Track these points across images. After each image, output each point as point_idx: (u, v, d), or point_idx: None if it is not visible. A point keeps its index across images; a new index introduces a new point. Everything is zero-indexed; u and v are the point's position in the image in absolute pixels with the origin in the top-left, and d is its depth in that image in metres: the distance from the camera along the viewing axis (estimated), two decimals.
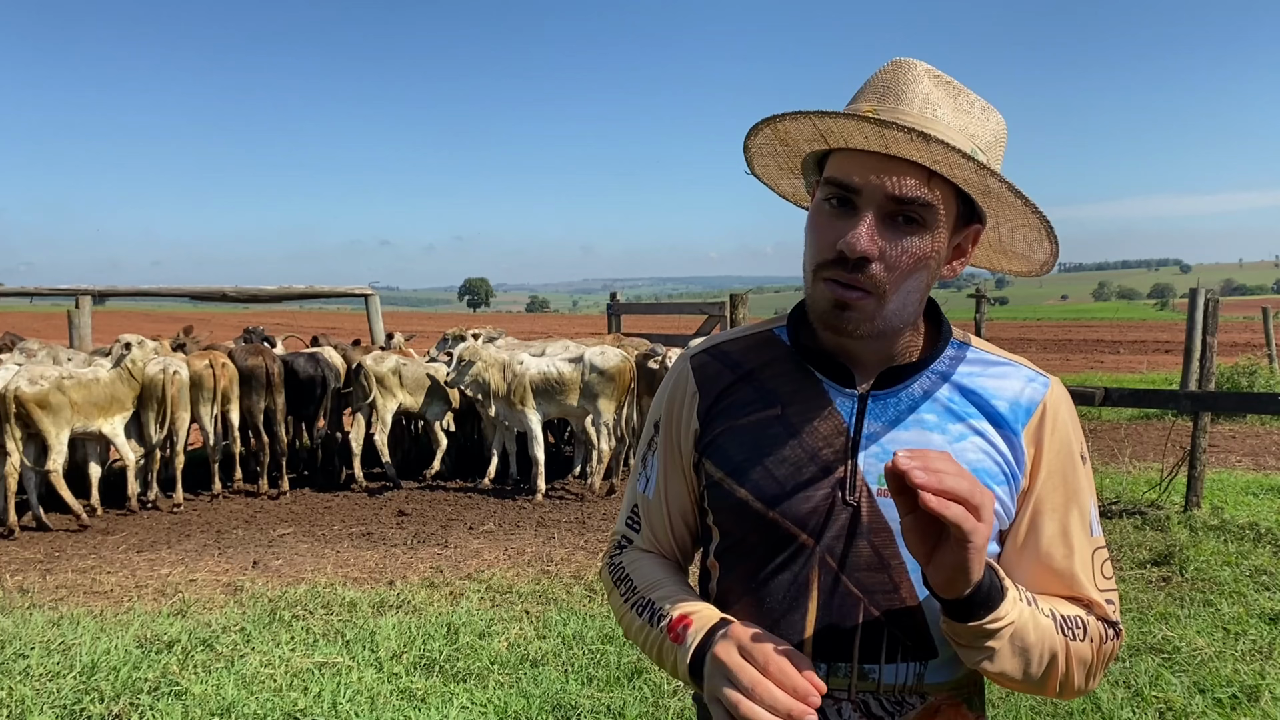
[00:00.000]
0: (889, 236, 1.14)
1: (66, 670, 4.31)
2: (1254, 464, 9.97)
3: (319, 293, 12.92)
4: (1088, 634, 1.20)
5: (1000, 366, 1.28)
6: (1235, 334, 33.95)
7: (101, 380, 7.76)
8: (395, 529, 7.45)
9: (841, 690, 1.19)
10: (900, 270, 1.15)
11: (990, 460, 1.21)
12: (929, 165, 1.12)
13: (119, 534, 7.30)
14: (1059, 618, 1.18)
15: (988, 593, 1.07)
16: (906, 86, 1.16)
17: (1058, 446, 1.24)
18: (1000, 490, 1.21)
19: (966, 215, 1.21)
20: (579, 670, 4.37)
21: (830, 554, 1.20)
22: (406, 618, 5.10)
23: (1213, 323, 7.92)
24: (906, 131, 1.08)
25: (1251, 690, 4.07)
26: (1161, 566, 5.93)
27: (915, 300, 1.20)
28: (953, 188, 1.16)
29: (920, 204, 1.13)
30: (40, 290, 11.54)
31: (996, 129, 1.20)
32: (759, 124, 1.23)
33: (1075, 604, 1.23)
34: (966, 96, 1.18)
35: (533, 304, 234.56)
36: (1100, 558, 1.25)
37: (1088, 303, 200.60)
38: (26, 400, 7.20)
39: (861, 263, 1.14)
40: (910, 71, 1.17)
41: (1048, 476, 1.23)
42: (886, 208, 1.14)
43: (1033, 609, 1.14)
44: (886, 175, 1.13)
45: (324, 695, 4.07)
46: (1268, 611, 5.04)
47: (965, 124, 1.16)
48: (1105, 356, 26.91)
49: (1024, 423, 1.23)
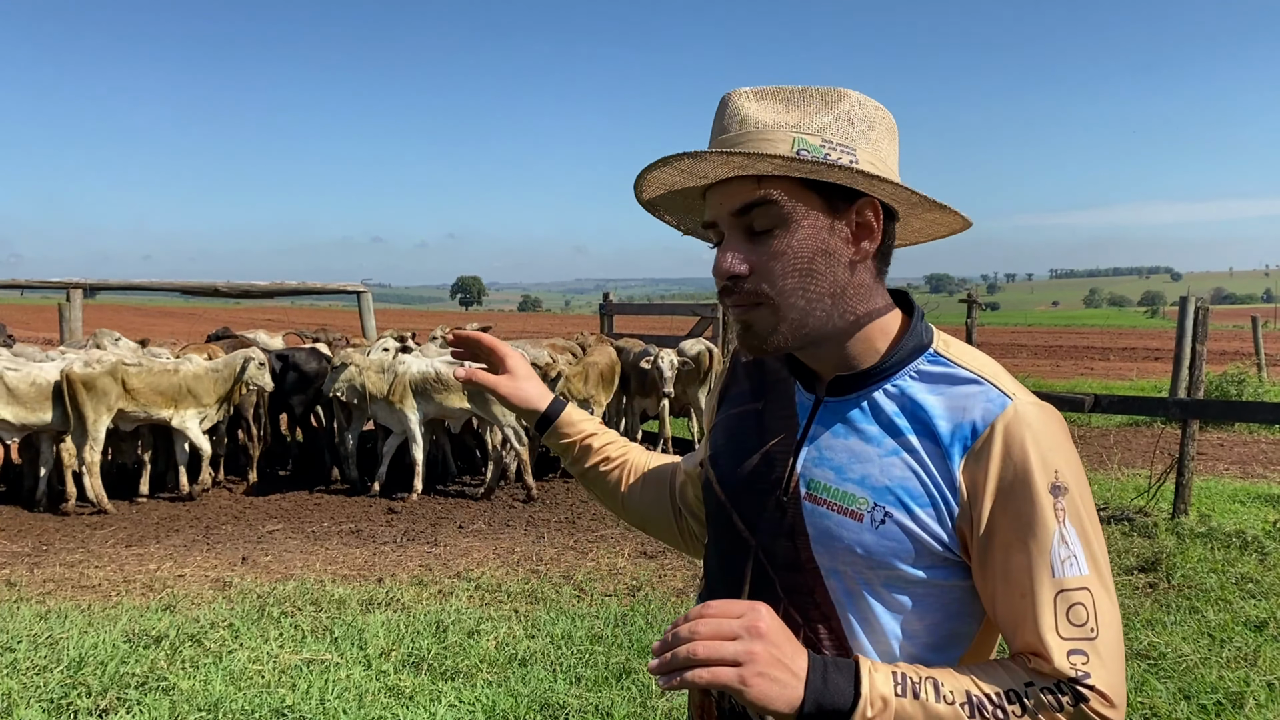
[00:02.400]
0: (754, 248, 1.18)
1: (54, 664, 4.30)
2: (1242, 472, 10.02)
3: (311, 289, 12.90)
4: (1024, 711, 1.07)
5: (963, 385, 1.18)
6: (1225, 342, 34.14)
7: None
8: (385, 526, 7.44)
9: None
10: (776, 273, 1.16)
11: (916, 480, 1.15)
12: (737, 172, 1.16)
13: (107, 528, 7.29)
14: (975, 700, 1.07)
15: (827, 709, 1.05)
16: (726, 117, 1.20)
17: (1009, 475, 1.12)
18: (924, 513, 1.14)
19: (847, 194, 1.18)
20: (567, 670, 4.37)
21: (763, 550, 1.24)
22: (395, 615, 5.10)
23: (1202, 331, 7.96)
24: (711, 154, 1.14)
25: (1236, 697, 4.09)
26: (1149, 573, 5.96)
27: (825, 301, 1.18)
28: (796, 180, 1.16)
29: (757, 205, 1.16)
30: (31, 283, 11.49)
31: (842, 107, 1.17)
32: (637, 186, 1.29)
33: (1025, 664, 1.11)
34: (791, 94, 1.18)
35: (525, 303, 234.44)
36: (1065, 602, 1.09)
37: (1079, 309, 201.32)
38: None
39: (735, 281, 1.18)
40: (730, 101, 1.20)
41: (994, 507, 1.12)
42: (738, 225, 1.19)
43: (919, 702, 1.06)
44: (722, 197, 1.19)
45: (312, 692, 4.07)
46: (1253, 618, 5.07)
47: (789, 118, 1.16)
48: (1095, 363, 27.00)
49: (966, 446, 1.14)
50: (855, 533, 1.16)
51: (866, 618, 1.18)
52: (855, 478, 1.18)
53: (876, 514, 1.15)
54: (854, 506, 1.16)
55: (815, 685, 1.05)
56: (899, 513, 1.14)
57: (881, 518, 1.15)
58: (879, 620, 1.18)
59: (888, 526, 1.14)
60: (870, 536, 1.15)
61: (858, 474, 1.18)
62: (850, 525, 1.16)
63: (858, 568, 1.17)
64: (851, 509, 1.17)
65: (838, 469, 1.20)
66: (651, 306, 14.19)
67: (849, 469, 1.19)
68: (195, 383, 8.13)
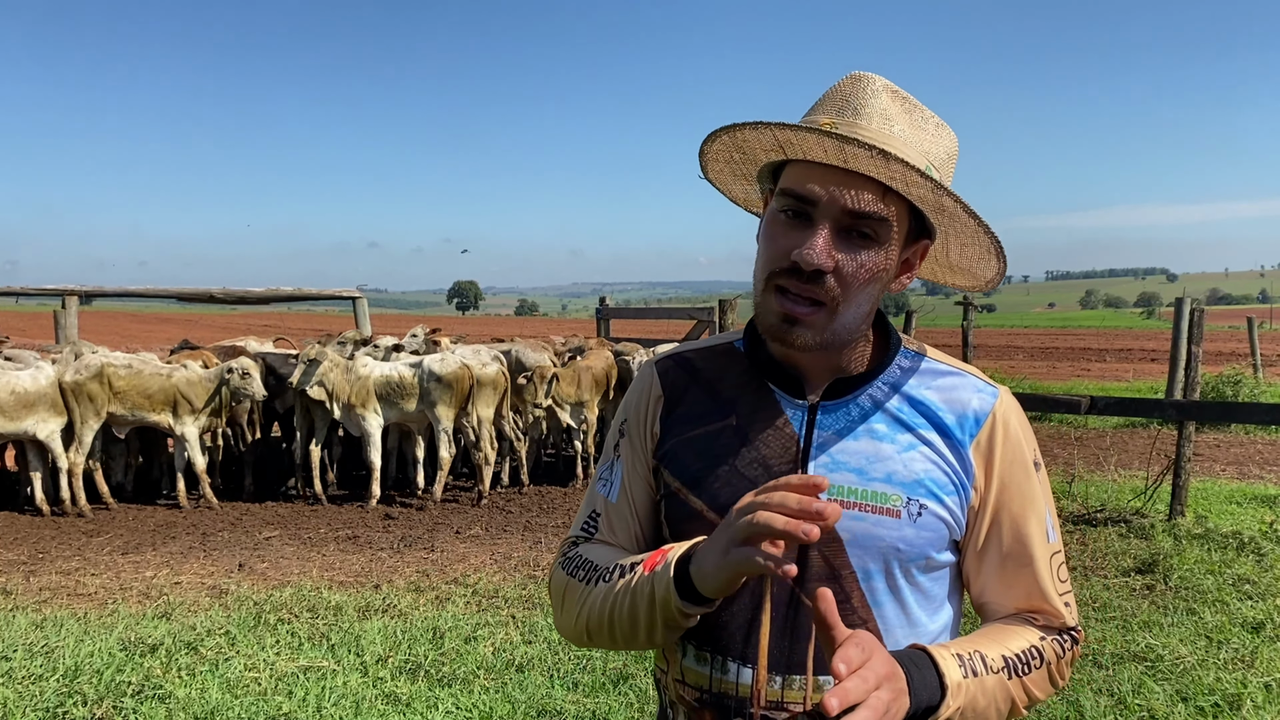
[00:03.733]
0: (844, 250, 1.16)
1: (49, 673, 4.28)
2: (1238, 473, 10.03)
3: (307, 295, 12.88)
4: (1044, 661, 1.22)
5: (949, 377, 1.28)
6: (1221, 343, 34.18)
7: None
8: (381, 532, 7.43)
9: (797, 702, 1.19)
10: (854, 284, 1.17)
11: (939, 470, 1.22)
12: (886, 182, 1.14)
13: (103, 536, 7.27)
14: (1010, 661, 1.19)
15: (924, 707, 1.07)
16: (865, 101, 1.17)
17: (1010, 456, 1.25)
18: (950, 500, 1.22)
19: (916, 230, 1.23)
20: (564, 676, 4.36)
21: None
22: (392, 622, 5.09)
23: (1198, 332, 7.98)
24: (866, 148, 1.10)
25: (1234, 699, 4.10)
26: (1146, 575, 5.96)
27: (865, 313, 1.22)
28: (906, 203, 1.19)
29: (876, 219, 1.16)
30: (27, 290, 11.47)
31: (950, 146, 1.22)
32: (717, 131, 1.24)
33: (1032, 621, 1.26)
34: (922, 113, 1.20)
35: (522, 307, 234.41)
36: (1057, 562, 1.27)
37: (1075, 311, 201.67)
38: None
39: (816, 275, 1.15)
40: (869, 86, 1.19)
41: (1002, 487, 1.24)
42: (842, 221, 1.16)
43: (978, 678, 1.14)
44: (844, 189, 1.14)
45: (309, 699, 4.06)
46: (1250, 620, 5.07)
47: (920, 140, 1.18)
48: (1092, 364, 27.02)
49: (973, 434, 1.24)
50: (896, 529, 1.19)
51: (902, 610, 1.22)
52: (880, 476, 1.21)
53: (913, 508, 1.20)
54: (889, 505, 1.20)
55: (918, 693, 1.08)
56: (932, 503, 1.21)
57: (918, 511, 1.20)
58: (912, 611, 1.22)
59: (925, 518, 1.20)
60: (911, 531, 1.19)
61: (882, 473, 1.21)
62: (889, 523, 1.19)
63: (899, 563, 1.20)
64: (887, 507, 1.20)
65: (859, 470, 1.21)
66: (648, 310, 14.22)
67: (871, 469, 1.21)
68: (189, 388, 8.11)
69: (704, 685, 1.24)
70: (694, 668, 1.25)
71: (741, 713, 1.21)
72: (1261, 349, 18.64)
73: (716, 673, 1.23)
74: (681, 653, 1.27)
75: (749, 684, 1.20)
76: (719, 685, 1.22)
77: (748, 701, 1.20)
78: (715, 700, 1.23)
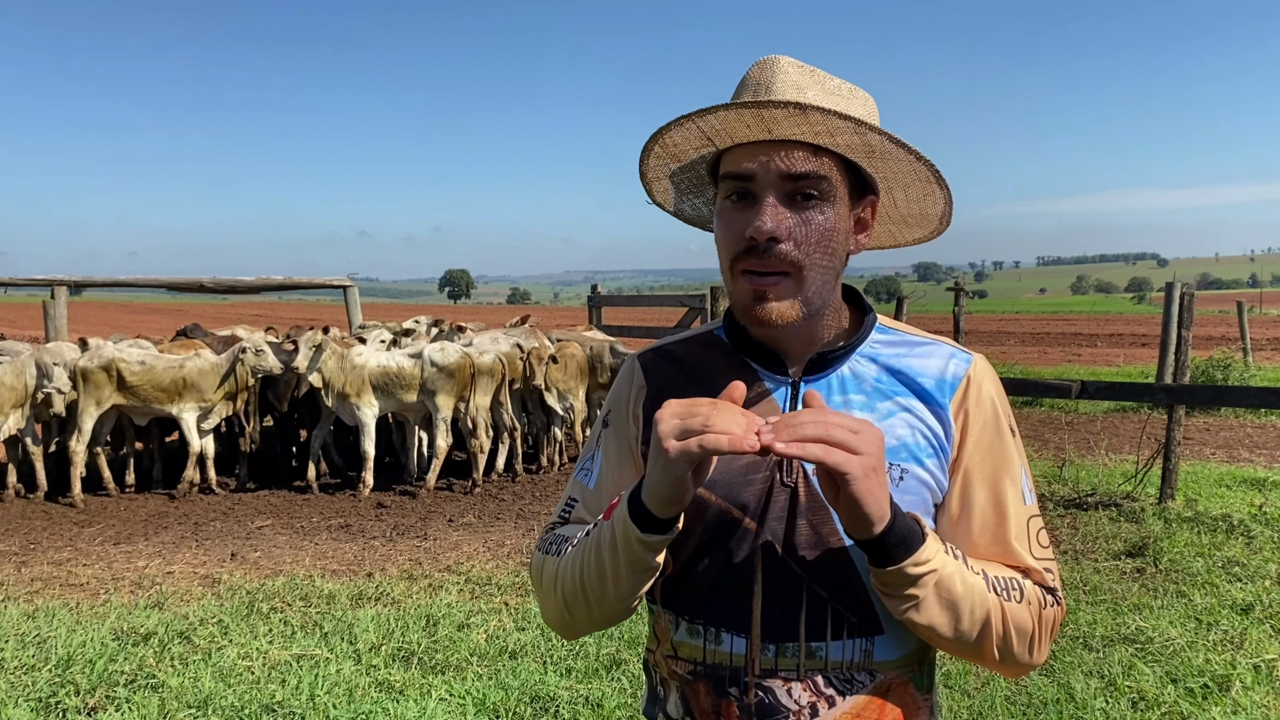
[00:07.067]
0: (793, 214, 1.19)
1: (42, 663, 4.28)
2: (1228, 456, 10.08)
3: (297, 284, 12.83)
4: (1024, 596, 1.22)
5: (924, 346, 1.32)
6: (1211, 328, 34.30)
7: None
8: (374, 521, 7.43)
9: (790, 670, 1.21)
10: (809, 245, 1.19)
11: (919, 435, 1.25)
12: (810, 139, 1.18)
13: (95, 526, 7.25)
14: (990, 577, 1.20)
15: (904, 536, 1.11)
16: (775, 78, 1.21)
17: (984, 418, 1.27)
18: (931, 464, 1.25)
19: (860, 186, 1.27)
20: (558, 662, 4.37)
21: (772, 536, 1.23)
22: (385, 610, 5.09)
23: (1188, 317, 8.00)
24: (782, 106, 1.13)
25: (1223, 680, 4.12)
26: (1136, 558, 5.99)
27: (831, 278, 1.25)
28: (839, 160, 1.22)
29: (814, 177, 1.19)
30: (15, 280, 11.40)
31: (866, 106, 1.26)
32: (647, 144, 1.29)
33: (1012, 570, 1.26)
34: (833, 81, 1.25)
35: (514, 296, 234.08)
36: (1035, 525, 1.28)
37: (1066, 296, 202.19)
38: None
39: (771, 244, 1.18)
40: (775, 65, 1.23)
41: (975, 447, 1.26)
42: (783, 188, 1.19)
43: (959, 563, 1.17)
44: (774, 155, 1.18)
45: (302, 687, 4.06)
46: (1239, 602, 5.11)
47: (835, 104, 1.21)
48: (1082, 349, 27.11)
49: (950, 396, 1.27)
50: None
51: None
52: None
53: (894, 473, 1.22)
54: None
55: (897, 510, 1.11)
56: (915, 466, 1.24)
57: (899, 475, 1.23)
58: None
59: (907, 482, 1.23)
60: (895, 495, 1.19)
61: None
62: None
63: None
64: None
65: None
66: (640, 298, 14.23)
67: None
68: (200, 378, 8.08)
69: (698, 658, 1.26)
70: (687, 641, 1.27)
71: (736, 682, 1.22)
72: (1251, 333, 18.70)
73: (710, 644, 1.24)
74: (674, 628, 1.29)
75: (743, 654, 1.22)
76: (713, 657, 1.24)
77: (742, 671, 1.22)
78: (709, 671, 1.24)
